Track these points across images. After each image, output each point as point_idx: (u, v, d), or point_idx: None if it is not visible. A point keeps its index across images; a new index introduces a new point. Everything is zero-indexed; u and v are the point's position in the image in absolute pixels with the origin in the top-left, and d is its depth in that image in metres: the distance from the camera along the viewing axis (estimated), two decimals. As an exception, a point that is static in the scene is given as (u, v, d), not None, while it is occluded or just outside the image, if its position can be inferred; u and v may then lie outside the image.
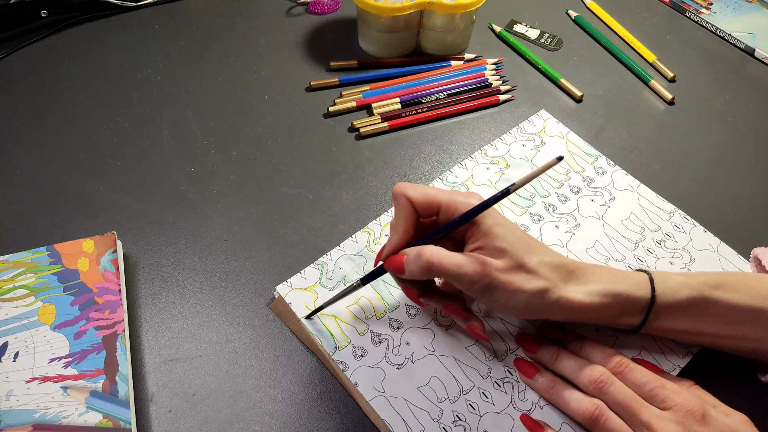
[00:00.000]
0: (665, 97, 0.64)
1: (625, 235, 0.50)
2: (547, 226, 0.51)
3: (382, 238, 0.49)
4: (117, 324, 0.43)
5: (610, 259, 0.49)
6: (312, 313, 0.45)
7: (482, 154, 0.56)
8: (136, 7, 0.72)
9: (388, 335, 0.44)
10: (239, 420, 0.42)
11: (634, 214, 0.52)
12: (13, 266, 0.45)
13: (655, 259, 0.49)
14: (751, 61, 0.69)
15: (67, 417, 0.39)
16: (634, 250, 0.50)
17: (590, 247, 0.50)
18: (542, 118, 0.59)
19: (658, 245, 0.50)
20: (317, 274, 0.47)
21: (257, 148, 0.58)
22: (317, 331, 0.44)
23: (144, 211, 0.53)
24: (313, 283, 0.46)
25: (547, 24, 0.72)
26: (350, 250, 0.49)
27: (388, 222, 0.50)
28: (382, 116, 0.60)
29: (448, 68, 0.65)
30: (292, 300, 0.45)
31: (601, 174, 0.55)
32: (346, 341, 0.44)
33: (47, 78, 0.64)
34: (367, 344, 0.44)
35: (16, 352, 0.42)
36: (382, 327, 0.45)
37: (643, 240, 0.50)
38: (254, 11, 0.72)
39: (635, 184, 0.54)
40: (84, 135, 0.58)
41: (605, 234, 0.50)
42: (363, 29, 0.66)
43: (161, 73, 0.64)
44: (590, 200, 0.53)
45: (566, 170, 0.55)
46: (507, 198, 0.50)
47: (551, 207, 0.52)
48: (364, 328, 0.45)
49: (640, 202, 0.53)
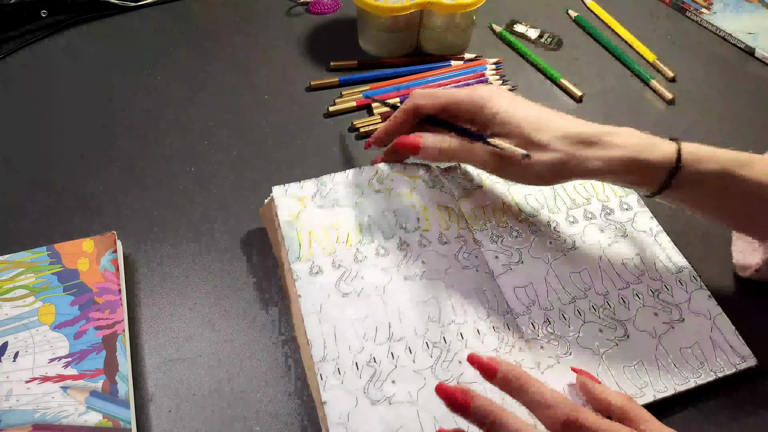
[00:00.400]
0: (665, 97, 0.64)
1: (621, 273, 0.48)
2: (541, 239, 0.49)
3: (387, 179, 0.50)
4: (117, 324, 0.43)
5: (591, 289, 0.47)
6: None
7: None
8: (136, 7, 0.72)
9: (350, 264, 0.45)
10: (239, 420, 0.42)
11: (640, 257, 0.49)
12: (13, 266, 0.45)
13: (640, 305, 0.46)
14: (751, 61, 0.69)
15: (67, 417, 0.39)
16: (622, 289, 0.47)
17: (574, 272, 0.47)
18: None
19: (651, 294, 0.47)
20: (314, 188, 0.48)
21: (257, 148, 0.58)
22: (289, 238, 0.46)
23: (144, 211, 0.53)
24: (306, 195, 0.48)
25: (547, 24, 0.72)
26: (353, 179, 0.49)
27: (399, 170, 0.51)
28: (382, 116, 0.60)
29: (448, 68, 0.65)
30: (280, 204, 0.47)
31: (625, 209, 0.52)
32: (309, 255, 0.45)
33: (47, 78, 0.64)
34: (327, 265, 0.45)
35: (16, 352, 0.42)
36: (348, 255, 0.46)
37: (637, 283, 0.47)
38: (254, 11, 0.72)
39: (656, 230, 0.51)
40: (83, 135, 0.58)
41: (598, 266, 0.48)
42: (363, 29, 0.66)
43: (161, 73, 0.64)
44: (600, 230, 0.50)
45: (589, 195, 0.52)
46: (513, 201, 0.51)
47: (555, 224, 0.50)
48: (331, 250, 0.46)
49: (652, 248, 0.49)
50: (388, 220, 0.48)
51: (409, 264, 0.46)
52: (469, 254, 0.47)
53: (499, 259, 0.48)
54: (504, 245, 0.48)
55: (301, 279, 0.44)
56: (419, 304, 0.44)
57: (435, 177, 0.51)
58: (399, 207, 0.48)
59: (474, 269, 0.46)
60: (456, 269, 0.46)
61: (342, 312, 0.43)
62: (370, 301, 0.44)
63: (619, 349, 0.44)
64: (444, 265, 0.46)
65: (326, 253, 0.45)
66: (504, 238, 0.49)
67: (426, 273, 0.45)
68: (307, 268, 0.45)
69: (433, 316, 0.43)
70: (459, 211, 0.49)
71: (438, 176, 0.51)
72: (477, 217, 0.50)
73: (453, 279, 0.45)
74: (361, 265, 0.45)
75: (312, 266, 0.45)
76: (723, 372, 0.43)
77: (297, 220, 0.47)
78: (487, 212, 0.50)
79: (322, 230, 0.47)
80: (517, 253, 0.48)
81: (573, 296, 0.46)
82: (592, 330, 0.45)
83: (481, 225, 0.49)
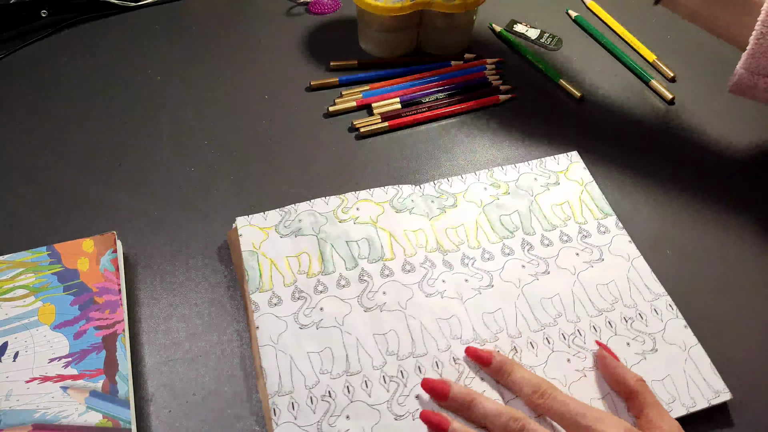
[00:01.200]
0: (665, 97, 0.64)
1: (593, 299, 0.46)
2: (513, 263, 0.48)
3: (353, 209, 0.50)
4: (117, 324, 0.43)
5: (562, 316, 0.45)
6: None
7: (488, 174, 0.54)
8: (136, 7, 0.72)
9: (309, 295, 0.45)
10: (239, 420, 0.42)
11: (615, 283, 0.47)
12: (13, 266, 0.45)
13: (612, 334, 0.45)
14: (751, 61, 0.69)
15: (67, 417, 0.39)
16: (594, 317, 0.45)
17: (546, 298, 0.46)
18: (570, 160, 0.55)
19: (624, 322, 0.45)
20: (277, 219, 0.49)
21: (257, 148, 0.58)
22: (250, 268, 0.46)
23: (144, 211, 0.53)
24: (269, 226, 0.48)
25: (547, 24, 0.72)
26: (318, 208, 0.50)
27: (366, 197, 0.51)
28: (382, 116, 0.60)
29: (448, 68, 0.65)
30: (243, 233, 0.48)
31: (602, 233, 0.50)
32: (269, 286, 0.45)
33: (47, 78, 0.64)
34: (286, 296, 0.45)
35: (16, 352, 0.42)
36: (309, 286, 0.46)
37: (610, 311, 0.46)
38: (254, 11, 0.72)
39: (633, 255, 0.49)
40: (84, 135, 0.58)
41: (571, 291, 0.47)
42: (363, 29, 0.66)
43: (161, 73, 0.64)
44: (575, 254, 0.49)
45: (567, 216, 0.51)
46: (487, 222, 0.50)
47: (528, 246, 0.49)
48: (292, 280, 0.46)
49: (629, 273, 0.48)
50: (351, 250, 0.48)
51: (370, 295, 0.45)
52: (435, 279, 0.46)
53: (469, 282, 0.47)
54: (475, 268, 0.48)
55: (260, 310, 0.44)
56: (378, 336, 0.43)
57: (404, 200, 0.50)
58: (363, 236, 0.48)
59: (439, 296, 0.45)
60: (419, 298, 0.45)
61: (299, 344, 0.43)
62: (328, 334, 0.43)
63: (586, 381, 0.42)
64: (406, 295, 0.45)
65: (287, 284, 0.46)
66: (476, 261, 0.48)
67: (387, 304, 0.45)
68: (267, 298, 0.45)
69: (392, 348, 0.43)
70: (431, 232, 0.49)
71: (410, 196, 0.51)
72: (449, 237, 0.49)
73: (415, 309, 0.45)
74: (321, 296, 0.45)
75: (271, 297, 0.45)
76: (695, 407, 0.41)
77: (259, 250, 0.47)
78: (460, 233, 0.50)
79: (284, 260, 0.47)
80: (488, 277, 0.47)
81: (543, 324, 0.45)
82: (560, 360, 0.43)
83: (453, 246, 0.49)
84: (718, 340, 0.46)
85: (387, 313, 0.44)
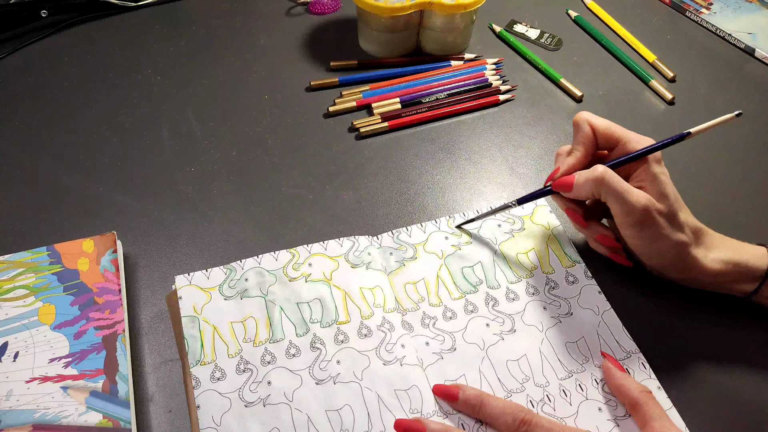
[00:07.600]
0: (665, 97, 0.64)
1: (563, 359, 0.43)
2: (477, 321, 0.44)
3: (305, 264, 0.46)
4: (117, 324, 0.43)
5: (530, 380, 0.42)
6: (462, 224, 0.48)
7: (448, 222, 0.50)
8: (136, 7, 0.72)
9: (255, 367, 0.41)
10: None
11: (585, 339, 0.44)
12: (13, 266, 0.45)
13: (583, 398, 0.41)
14: (751, 61, 0.69)
15: (67, 417, 0.39)
16: (564, 379, 0.42)
17: (512, 360, 0.43)
18: (535, 203, 0.52)
19: (595, 385, 0.42)
20: (222, 277, 0.45)
21: (257, 148, 0.58)
22: (191, 337, 0.42)
23: (144, 211, 0.53)
24: (212, 286, 0.44)
25: (547, 24, 0.72)
26: (266, 265, 0.46)
27: (319, 250, 0.47)
28: (382, 116, 0.60)
29: (448, 68, 0.65)
30: (183, 295, 0.44)
31: (570, 283, 0.47)
32: (211, 358, 0.42)
33: (47, 78, 0.64)
34: (230, 369, 0.41)
35: (16, 352, 0.42)
36: (255, 355, 0.42)
37: (580, 372, 0.42)
38: (254, 11, 0.72)
39: (603, 308, 0.46)
40: (84, 135, 0.58)
41: (539, 350, 0.43)
42: (363, 29, 0.66)
43: (161, 73, 0.64)
44: (542, 308, 0.46)
45: (533, 266, 0.48)
46: (449, 275, 0.47)
47: (493, 301, 0.46)
48: (237, 350, 0.42)
49: (599, 328, 0.44)
50: (303, 314, 0.44)
51: (323, 365, 0.41)
52: (394, 344, 0.43)
53: (430, 345, 0.43)
54: (436, 329, 0.44)
55: (201, 386, 0.40)
56: (331, 413, 0.39)
57: (360, 253, 0.47)
58: (315, 296, 0.45)
59: (398, 363, 0.42)
60: (376, 366, 0.41)
61: (243, 425, 0.39)
62: (276, 412, 0.39)
63: None
64: (363, 363, 0.42)
65: (231, 354, 0.42)
66: (437, 321, 0.44)
67: (341, 375, 0.41)
68: (209, 372, 0.41)
69: (347, 425, 0.39)
70: (389, 288, 0.46)
71: (366, 249, 0.47)
72: (408, 294, 0.46)
73: (372, 379, 0.41)
74: (269, 368, 0.41)
75: (214, 370, 0.41)
76: None
77: (200, 315, 0.43)
78: (420, 289, 0.46)
79: (228, 326, 0.43)
80: (450, 339, 0.44)
81: (509, 389, 0.41)
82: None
83: (413, 305, 0.45)
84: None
85: (341, 386, 0.41)
